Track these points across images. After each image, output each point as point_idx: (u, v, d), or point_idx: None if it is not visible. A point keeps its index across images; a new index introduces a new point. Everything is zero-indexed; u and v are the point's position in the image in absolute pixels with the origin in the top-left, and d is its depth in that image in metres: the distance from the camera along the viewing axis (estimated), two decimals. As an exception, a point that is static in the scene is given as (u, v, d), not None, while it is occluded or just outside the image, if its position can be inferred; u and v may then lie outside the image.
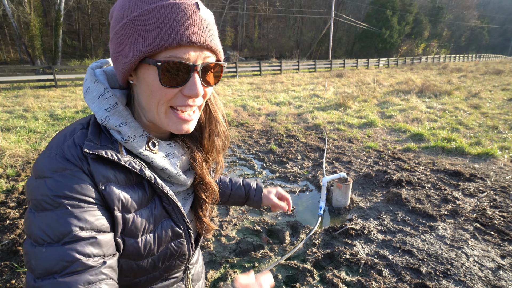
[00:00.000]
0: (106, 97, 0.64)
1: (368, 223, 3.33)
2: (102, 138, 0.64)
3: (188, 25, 0.57)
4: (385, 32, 45.99)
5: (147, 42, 0.57)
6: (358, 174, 4.62)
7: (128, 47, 0.59)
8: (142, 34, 0.58)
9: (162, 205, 0.70)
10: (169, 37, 0.57)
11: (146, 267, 0.70)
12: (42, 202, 0.55)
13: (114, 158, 0.60)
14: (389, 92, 12.60)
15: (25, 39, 25.38)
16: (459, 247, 2.89)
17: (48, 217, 0.54)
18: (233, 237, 3.10)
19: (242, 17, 50.53)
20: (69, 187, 0.56)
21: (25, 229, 0.56)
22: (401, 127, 7.20)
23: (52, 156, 0.58)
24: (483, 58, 58.78)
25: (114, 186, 0.61)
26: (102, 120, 0.63)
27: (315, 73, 23.06)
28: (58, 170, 0.56)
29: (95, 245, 0.56)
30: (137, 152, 0.66)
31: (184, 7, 0.58)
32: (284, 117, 8.56)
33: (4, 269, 2.58)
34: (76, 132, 0.63)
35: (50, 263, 0.52)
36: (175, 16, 0.57)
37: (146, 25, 0.57)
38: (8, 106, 9.43)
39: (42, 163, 0.58)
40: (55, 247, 0.53)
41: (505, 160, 5.12)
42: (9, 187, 4.13)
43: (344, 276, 2.52)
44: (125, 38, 0.59)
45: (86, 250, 0.54)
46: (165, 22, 0.56)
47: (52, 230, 0.53)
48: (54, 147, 0.60)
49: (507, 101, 10.35)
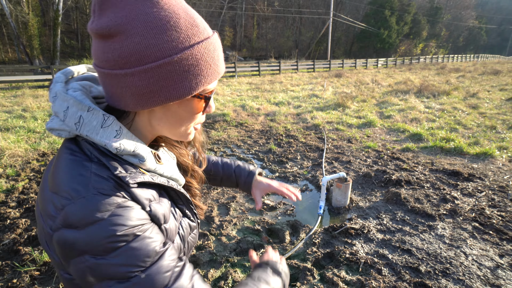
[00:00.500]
0: (109, 123, 0.59)
1: (367, 222, 3.34)
2: (121, 164, 0.60)
3: (221, 59, 0.63)
4: (384, 32, 46.11)
5: (197, 80, 0.58)
6: (358, 174, 4.64)
7: (178, 83, 0.57)
8: (194, 72, 0.58)
9: (177, 207, 0.73)
10: (215, 72, 0.61)
11: None
12: (110, 244, 0.52)
13: (151, 180, 0.62)
14: (387, 92, 12.64)
15: (23, 38, 25.33)
16: (458, 246, 2.91)
17: (127, 251, 0.53)
18: (234, 236, 3.11)
19: (240, 17, 50.52)
20: (130, 218, 0.54)
21: (99, 277, 0.53)
22: (400, 127, 7.23)
23: (90, 198, 0.53)
24: (481, 58, 58.99)
25: (155, 204, 0.62)
26: (118, 149, 0.58)
27: (313, 73, 23.09)
28: (109, 208, 0.53)
29: (173, 250, 0.61)
30: (153, 169, 0.66)
31: (216, 40, 0.61)
32: (283, 117, 8.58)
33: (5, 268, 2.59)
34: (89, 167, 0.56)
35: (156, 282, 0.54)
36: (215, 52, 0.60)
37: (198, 62, 0.58)
38: (7, 106, 9.41)
39: (82, 210, 0.52)
40: (152, 268, 0.54)
41: (503, 160, 5.15)
42: (9, 187, 4.13)
43: (344, 275, 2.53)
44: (172, 75, 0.56)
45: (173, 256, 0.59)
46: (209, 59, 0.59)
47: (139, 259, 0.53)
48: (83, 190, 0.53)
49: (505, 101, 10.40)
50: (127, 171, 0.59)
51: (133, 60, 0.53)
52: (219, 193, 4.02)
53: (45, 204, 0.56)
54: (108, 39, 0.54)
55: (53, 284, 2.46)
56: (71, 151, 0.58)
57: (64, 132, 0.60)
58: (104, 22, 0.53)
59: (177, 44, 0.55)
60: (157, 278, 0.54)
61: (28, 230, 3.11)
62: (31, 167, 4.85)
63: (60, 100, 0.59)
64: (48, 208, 0.55)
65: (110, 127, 0.58)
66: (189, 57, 0.56)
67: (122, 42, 0.53)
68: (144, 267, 0.54)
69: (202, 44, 0.57)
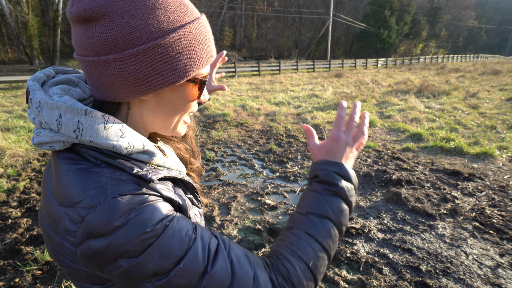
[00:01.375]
0: (111, 123, 0.54)
1: (368, 222, 3.35)
2: (134, 164, 0.56)
3: (212, 40, 0.59)
4: (384, 32, 46.13)
5: (194, 61, 0.55)
6: (358, 173, 4.65)
7: (172, 66, 0.53)
8: (189, 54, 0.54)
9: (187, 197, 0.72)
10: (209, 54, 0.58)
11: None
12: (142, 242, 0.49)
13: (170, 174, 0.61)
14: (387, 92, 12.65)
15: (23, 39, 25.34)
16: (458, 245, 2.92)
17: (161, 245, 0.50)
18: (235, 236, 3.12)
19: (240, 17, 50.54)
20: (156, 212, 0.52)
21: (138, 278, 0.51)
22: (400, 127, 7.24)
23: (111, 203, 0.49)
24: (481, 58, 59.02)
25: (177, 195, 0.61)
26: (128, 149, 0.55)
27: (313, 73, 23.11)
28: (133, 207, 0.50)
29: (201, 230, 0.57)
30: (162, 163, 0.63)
31: (205, 22, 0.58)
32: (284, 117, 8.59)
33: (7, 267, 2.59)
34: (101, 173, 0.52)
35: (196, 267, 0.52)
36: (208, 33, 0.58)
37: (189, 44, 0.54)
38: (7, 106, 9.42)
39: (105, 217, 0.48)
40: (187, 256, 0.52)
41: (504, 159, 5.16)
42: (10, 187, 4.13)
43: (345, 275, 2.54)
44: (165, 58, 0.52)
45: (204, 238, 0.56)
46: (202, 39, 0.56)
47: (174, 249, 0.51)
48: (101, 196, 0.49)
49: (505, 101, 10.42)
50: (142, 169, 0.56)
51: (122, 43, 0.50)
52: (219, 193, 4.03)
53: (57, 221, 0.51)
54: (91, 22, 0.50)
55: (55, 283, 2.47)
56: (73, 160, 0.53)
57: (58, 144, 0.54)
58: (86, 4, 0.49)
59: (168, 24, 0.51)
60: (193, 264, 0.51)
61: (30, 230, 3.12)
62: (32, 167, 4.86)
63: (47, 109, 0.52)
64: (63, 225, 0.50)
65: (113, 127, 0.54)
66: (182, 37, 0.53)
67: (108, 24, 0.49)
68: (181, 256, 0.51)
69: (194, 24, 0.54)
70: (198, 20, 0.56)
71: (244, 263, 0.55)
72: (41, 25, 28.58)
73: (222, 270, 0.53)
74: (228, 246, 0.57)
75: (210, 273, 0.52)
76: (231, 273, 0.53)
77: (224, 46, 46.02)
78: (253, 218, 3.47)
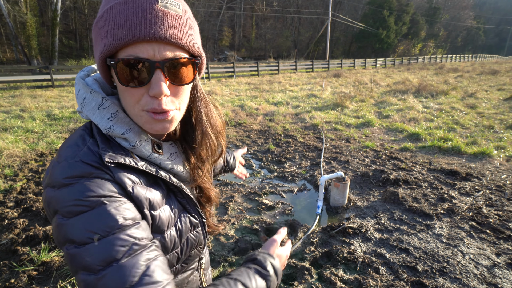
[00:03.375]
0: (106, 106, 0.63)
1: (365, 222, 3.35)
2: (112, 146, 0.63)
3: (141, 19, 0.54)
4: (382, 32, 46.18)
5: (105, 41, 0.56)
6: (356, 173, 4.65)
7: (96, 49, 0.60)
8: (103, 34, 0.57)
9: (177, 200, 0.73)
10: (122, 34, 0.55)
11: (171, 260, 0.72)
12: (75, 207, 0.54)
13: (133, 164, 0.62)
14: (386, 92, 12.67)
15: (22, 39, 25.26)
16: (455, 245, 2.93)
17: (89, 217, 0.54)
18: (232, 236, 3.12)
19: (239, 17, 50.52)
20: (101, 187, 0.56)
21: (62, 239, 0.54)
22: (398, 126, 7.25)
23: (72, 163, 0.57)
24: (479, 58, 59.15)
25: (139, 187, 0.62)
26: (107, 130, 0.62)
27: (312, 73, 23.12)
28: (85, 175, 0.56)
29: (141, 229, 0.58)
30: (146, 156, 0.66)
31: (139, 2, 0.55)
32: (282, 117, 8.59)
33: (3, 268, 2.58)
34: (87, 141, 0.61)
35: (108, 252, 0.52)
36: (129, 11, 0.55)
37: (105, 25, 0.56)
38: (5, 106, 9.39)
39: (63, 171, 0.56)
40: (108, 239, 0.53)
41: (501, 159, 5.17)
42: (7, 187, 4.12)
43: (341, 274, 2.54)
44: (94, 40, 0.60)
45: (136, 234, 0.56)
46: (119, 20, 0.55)
47: (98, 227, 0.53)
48: (70, 156, 0.58)
49: (502, 101, 10.44)
50: (114, 152, 0.61)
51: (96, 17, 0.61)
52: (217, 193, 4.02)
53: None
54: None
55: (51, 283, 2.46)
56: (85, 127, 0.66)
57: (82, 113, 0.67)
58: None
59: (100, 8, 0.60)
60: (109, 249, 0.52)
61: (26, 230, 3.11)
62: (29, 167, 4.84)
63: (76, 84, 0.67)
64: None
65: (107, 109, 0.63)
66: (100, 19, 0.58)
67: None
68: (102, 236, 0.53)
69: (112, 5, 0.56)
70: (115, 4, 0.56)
71: (156, 278, 0.54)
72: (40, 25, 28.50)
73: (131, 270, 0.52)
74: (155, 259, 0.56)
75: (118, 265, 0.52)
76: (139, 278, 0.52)
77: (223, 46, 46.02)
78: (250, 218, 3.47)
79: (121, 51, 0.57)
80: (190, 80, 0.63)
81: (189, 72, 0.63)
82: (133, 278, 0.51)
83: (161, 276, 0.54)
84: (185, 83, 0.63)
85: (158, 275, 0.54)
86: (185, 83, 0.63)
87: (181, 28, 0.59)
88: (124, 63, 0.56)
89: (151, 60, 0.56)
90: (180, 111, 0.66)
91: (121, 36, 0.55)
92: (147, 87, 0.59)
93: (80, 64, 25.42)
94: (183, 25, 0.59)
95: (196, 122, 0.76)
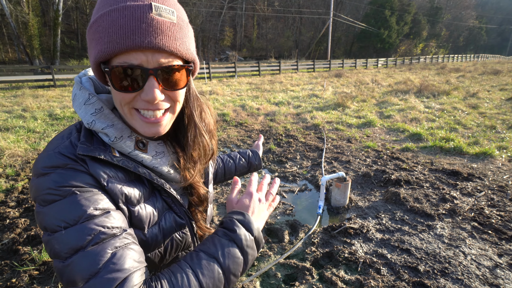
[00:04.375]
0: (91, 102, 0.66)
1: (366, 222, 3.35)
2: (94, 140, 0.65)
3: (135, 29, 0.55)
4: (384, 32, 46.08)
5: (99, 48, 0.58)
6: (357, 173, 4.64)
7: (90, 53, 0.62)
8: (97, 40, 0.58)
9: (162, 198, 0.73)
10: (116, 42, 0.56)
11: (154, 259, 0.71)
12: (49, 195, 0.57)
13: (107, 159, 0.63)
14: (387, 92, 12.64)
15: (23, 39, 25.34)
16: (457, 246, 2.91)
17: (59, 206, 0.56)
18: (233, 236, 3.11)
19: (240, 17, 50.51)
20: (73, 178, 0.58)
21: (40, 226, 0.58)
22: (400, 127, 7.23)
23: (51, 154, 0.61)
24: (481, 58, 58.96)
25: (116, 182, 0.64)
26: (89, 124, 0.65)
27: (313, 73, 23.09)
28: (60, 166, 0.59)
29: (111, 218, 0.59)
30: (126, 152, 0.67)
31: (134, 10, 0.56)
32: (283, 117, 8.58)
33: (4, 268, 2.59)
34: (72, 134, 0.65)
35: (74, 240, 0.54)
36: (123, 20, 0.55)
37: (99, 31, 0.57)
38: (7, 106, 9.42)
39: (42, 161, 0.60)
40: (75, 227, 0.55)
41: (503, 159, 5.14)
42: (9, 187, 4.13)
43: (342, 275, 2.54)
44: (89, 43, 0.62)
45: (105, 223, 0.57)
46: (113, 27, 0.56)
47: (66, 216, 0.55)
48: (52, 148, 0.62)
49: (505, 101, 10.40)
50: (93, 146, 0.64)
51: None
52: (218, 193, 4.02)
53: None
54: None
55: (52, 283, 2.46)
56: (78, 123, 0.70)
57: None
58: None
59: (94, 13, 0.61)
60: (75, 237, 0.54)
61: (28, 230, 3.12)
62: (31, 167, 4.86)
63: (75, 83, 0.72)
64: None
65: (92, 105, 0.66)
66: (94, 25, 0.59)
67: None
68: (69, 225, 0.55)
69: (106, 12, 0.57)
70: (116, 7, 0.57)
71: (123, 266, 0.54)
72: (42, 25, 28.55)
73: (95, 258, 0.53)
74: (125, 247, 0.57)
75: (83, 253, 0.53)
76: (103, 266, 0.53)
77: (224, 46, 46.04)
78: (251, 218, 3.46)
79: (115, 58, 0.58)
80: (183, 85, 0.65)
81: (182, 77, 0.64)
82: (97, 266, 0.53)
83: (129, 263, 0.55)
84: (178, 88, 0.64)
85: (125, 263, 0.55)
86: (178, 88, 0.64)
87: (175, 36, 0.59)
88: (117, 70, 0.58)
89: (144, 67, 0.58)
90: (174, 114, 0.68)
91: (115, 45, 0.56)
92: (140, 92, 0.61)
93: (81, 64, 25.48)
94: (176, 33, 0.60)
95: (189, 122, 0.77)
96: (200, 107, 0.78)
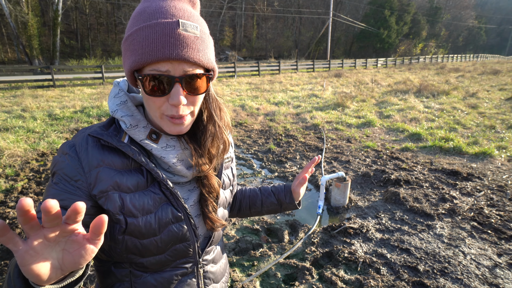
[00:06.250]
0: (119, 95, 0.80)
1: (366, 222, 3.35)
2: (111, 128, 0.78)
3: (165, 43, 0.65)
4: (383, 32, 46.08)
5: (133, 58, 0.67)
6: (357, 173, 4.64)
7: (124, 61, 0.71)
8: (132, 51, 0.68)
9: (161, 190, 0.77)
10: (148, 54, 0.65)
11: (149, 247, 0.76)
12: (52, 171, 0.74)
13: (110, 141, 0.72)
14: (387, 92, 12.64)
15: (23, 39, 25.31)
16: (456, 245, 2.92)
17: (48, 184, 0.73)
18: (232, 236, 3.12)
19: (240, 17, 50.48)
20: (61, 167, 0.72)
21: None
22: (399, 126, 7.24)
23: (66, 142, 0.76)
24: (481, 58, 58.98)
25: (109, 169, 0.73)
26: (112, 112, 0.77)
27: (313, 73, 23.09)
28: (63, 153, 0.73)
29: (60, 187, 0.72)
30: (139, 139, 0.76)
31: (164, 26, 0.65)
32: (283, 117, 8.58)
33: (4, 268, 2.59)
34: (98, 124, 0.79)
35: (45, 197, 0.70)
36: (155, 35, 0.65)
37: (134, 43, 0.67)
38: (6, 106, 9.41)
39: (70, 141, 0.76)
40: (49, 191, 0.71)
41: (502, 159, 5.15)
42: (8, 187, 4.13)
43: (342, 275, 2.54)
44: (124, 53, 0.71)
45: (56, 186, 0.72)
46: (146, 41, 0.65)
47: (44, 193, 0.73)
48: (74, 136, 0.77)
49: (504, 101, 10.41)
50: (109, 132, 0.76)
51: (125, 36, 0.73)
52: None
53: None
54: None
55: (52, 283, 2.46)
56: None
57: None
58: None
59: (129, 26, 0.70)
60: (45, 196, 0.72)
61: (27, 230, 3.11)
62: (30, 167, 4.85)
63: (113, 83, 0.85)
64: None
65: (119, 98, 0.79)
66: (129, 37, 0.68)
67: None
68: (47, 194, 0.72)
69: (141, 27, 0.67)
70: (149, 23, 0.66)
71: None
72: (41, 25, 28.52)
73: None
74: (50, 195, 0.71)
75: None
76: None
77: (224, 46, 46.01)
78: (251, 218, 3.46)
79: (146, 67, 0.68)
80: (204, 90, 0.74)
81: (203, 84, 0.73)
82: None
83: None
84: (200, 93, 0.73)
85: None
86: (200, 93, 0.73)
87: (198, 48, 0.69)
88: (149, 77, 0.67)
89: (171, 75, 0.68)
90: (194, 116, 0.77)
91: (148, 56, 0.66)
92: (167, 97, 0.70)
93: (81, 64, 25.44)
94: (199, 45, 0.69)
95: (208, 121, 0.85)
96: (219, 107, 0.87)
